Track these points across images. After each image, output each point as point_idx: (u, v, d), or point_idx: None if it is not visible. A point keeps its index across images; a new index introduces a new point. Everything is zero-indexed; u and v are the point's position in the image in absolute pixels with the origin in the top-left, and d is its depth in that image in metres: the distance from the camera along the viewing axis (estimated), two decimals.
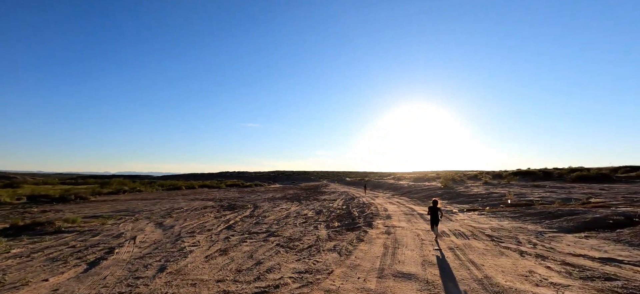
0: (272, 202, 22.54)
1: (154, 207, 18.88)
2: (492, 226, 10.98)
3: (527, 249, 7.46)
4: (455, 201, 19.88)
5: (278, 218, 13.53)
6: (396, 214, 14.76)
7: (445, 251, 7.48)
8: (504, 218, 12.44)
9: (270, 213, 15.47)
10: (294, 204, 20.59)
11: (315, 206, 19.66)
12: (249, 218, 13.59)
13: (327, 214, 14.97)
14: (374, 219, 12.99)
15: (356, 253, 7.30)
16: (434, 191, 26.58)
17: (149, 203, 21.69)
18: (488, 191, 22.37)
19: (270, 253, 7.18)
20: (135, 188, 37.04)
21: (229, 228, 10.93)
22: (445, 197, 22.18)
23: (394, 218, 13.49)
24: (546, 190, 21.46)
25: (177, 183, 48.26)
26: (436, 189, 27.74)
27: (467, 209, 16.11)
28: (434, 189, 28.01)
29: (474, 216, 13.46)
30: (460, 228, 10.76)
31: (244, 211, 16.38)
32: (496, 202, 17.11)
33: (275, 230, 10.36)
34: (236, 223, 12.29)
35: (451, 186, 28.34)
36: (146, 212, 16.02)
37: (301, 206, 19.77)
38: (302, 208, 18.19)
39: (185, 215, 14.74)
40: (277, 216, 14.50)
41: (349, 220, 12.89)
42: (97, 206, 19.94)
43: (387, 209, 17.04)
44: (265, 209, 17.66)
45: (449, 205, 18.60)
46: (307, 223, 12.09)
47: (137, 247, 7.83)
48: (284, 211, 16.39)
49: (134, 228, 10.74)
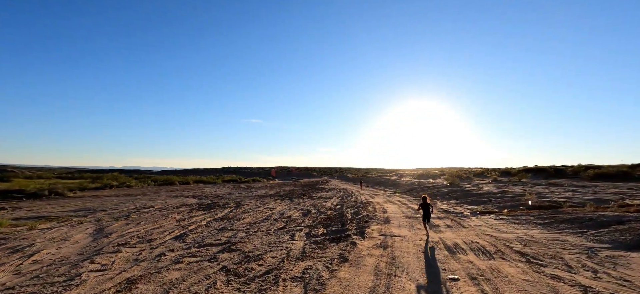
0: (259, 200, 20.13)
1: (123, 205, 16.57)
2: (518, 236, 8.39)
3: (589, 282, 4.90)
4: (464, 202, 17.24)
5: (253, 222, 11.09)
6: (396, 217, 12.22)
7: (465, 283, 4.95)
8: (531, 225, 9.83)
9: (248, 214, 13.04)
10: (283, 203, 18.14)
11: (306, 205, 17.19)
12: (219, 221, 11.17)
13: (314, 216, 12.50)
14: (369, 224, 10.48)
15: (332, 285, 4.81)
16: (439, 189, 23.95)
17: (124, 200, 19.42)
18: (500, 190, 19.69)
19: (201, 285, 4.71)
20: (125, 183, 34.93)
21: (181, 237, 8.49)
22: (453, 197, 19.54)
23: (393, 223, 10.96)
24: (567, 189, 18.72)
25: (171, 178, 46.15)
26: (441, 187, 25.09)
27: (480, 211, 13.49)
28: (439, 187, 25.37)
29: (492, 221, 10.86)
30: (478, 239, 8.19)
31: (220, 211, 13.98)
32: (514, 203, 14.45)
33: (237, 241, 7.90)
34: (198, 228, 9.86)
35: (458, 183, 25.67)
36: (107, 212, 13.69)
37: (290, 205, 17.32)
38: (289, 208, 15.74)
39: (148, 217, 12.37)
40: (254, 218, 12.06)
41: (338, 225, 10.39)
42: (65, 203, 17.71)
43: (386, 211, 14.51)
44: (247, 209, 15.24)
45: (458, 206, 15.98)
46: (285, 229, 9.62)
47: (14, 273, 5.42)
48: (267, 212, 13.94)
49: (60, 237, 8.36)
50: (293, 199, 20.72)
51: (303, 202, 18.57)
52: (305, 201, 19.77)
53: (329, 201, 19.72)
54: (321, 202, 18.95)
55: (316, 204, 17.77)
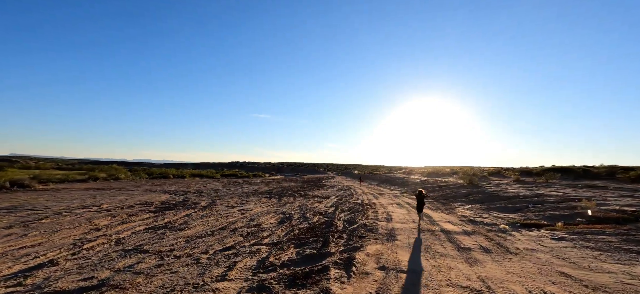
0: (242, 198, 16.74)
1: (68, 203, 13.45)
2: (620, 280, 4.68)
3: None
4: (492, 207, 13.37)
5: (200, 234, 7.65)
6: (405, 230, 8.57)
7: None
8: (622, 253, 6.04)
9: (207, 220, 9.62)
10: (267, 203, 14.70)
11: (293, 206, 13.71)
12: (151, 232, 7.77)
13: (293, 225, 9.00)
14: (364, 243, 6.91)
15: None
16: (456, 189, 20.05)
17: (84, 196, 16.34)
18: (533, 192, 15.71)
19: None
20: (114, 176, 32.24)
21: (44, 266, 5.11)
22: (475, 200, 15.66)
23: (400, 239, 7.35)
24: (618, 194, 14.60)
25: (168, 172, 43.46)
26: (458, 187, 21.14)
27: (521, 222, 9.65)
28: (455, 187, 21.42)
29: (550, 242, 7.07)
30: (554, 287, 4.51)
31: (177, 214, 10.62)
32: (564, 212, 10.55)
33: (121, 282, 4.45)
34: (102, 244, 6.48)
35: (477, 183, 21.65)
36: (31, 212, 10.53)
37: (274, 206, 13.86)
38: (270, 210, 12.28)
39: (68, 221, 9.11)
40: (208, 226, 8.63)
41: (317, 243, 6.86)
42: (4, 199, 14.76)
43: (391, 217, 10.85)
44: (214, 210, 11.85)
45: (485, 213, 12.16)
46: (232, 251, 6.17)
47: None
48: (234, 217, 10.50)
49: None
50: (282, 198, 17.27)
51: (292, 203, 15.09)
52: (296, 200, 16.29)
53: (323, 201, 16.17)
54: (314, 202, 15.43)
55: (306, 205, 14.25)
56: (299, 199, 16.81)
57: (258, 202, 15.16)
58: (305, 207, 13.50)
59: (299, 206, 13.96)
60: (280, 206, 13.90)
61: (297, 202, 15.52)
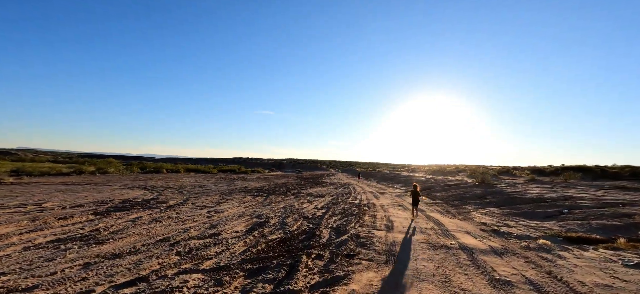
0: (223, 196, 14.52)
1: (26, 199, 11.38)
2: None
3: None
4: (515, 212, 10.93)
5: (128, 248, 5.44)
6: (410, 244, 6.25)
7: None
8: None
9: (157, 225, 7.41)
10: (248, 203, 12.47)
11: (278, 207, 11.46)
12: (62, 244, 5.58)
13: (266, 233, 6.75)
14: (351, 268, 4.63)
15: None
16: (467, 189, 17.60)
17: (50, 190, 14.29)
18: (559, 195, 13.26)
19: None
20: (103, 169, 30.33)
21: None
22: (492, 203, 13.21)
23: (403, 259, 5.03)
24: None
25: (163, 166, 41.58)
26: (469, 187, 18.68)
27: (563, 234, 7.23)
28: (466, 186, 18.97)
29: (632, 275, 4.70)
30: None
31: (128, 215, 8.44)
32: (615, 222, 8.11)
33: None
34: None
35: (490, 182, 19.16)
36: None
37: (254, 206, 11.61)
38: (246, 211, 10.05)
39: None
40: (153, 234, 6.43)
41: (284, 266, 4.60)
42: None
43: (393, 223, 8.54)
44: (182, 210, 9.64)
45: (508, 220, 9.75)
46: (148, 280, 3.96)
47: None
48: (200, 219, 8.29)
49: None
50: (270, 196, 15.03)
51: (278, 202, 12.85)
52: (285, 199, 14.04)
53: (315, 201, 13.90)
54: (304, 202, 13.16)
55: (294, 206, 11.99)
56: (289, 198, 14.56)
57: (239, 201, 12.95)
58: (291, 208, 11.24)
59: (284, 206, 11.70)
60: (262, 206, 11.66)
61: (285, 201, 13.27)
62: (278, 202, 12.86)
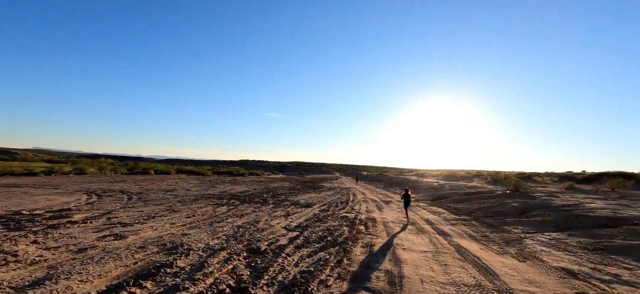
0: (176, 205, 10.80)
1: None
2: None
3: None
4: (603, 247, 6.77)
5: None
6: None
7: None
8: None
9: None
10: (197, 217, 8.69)
11: (230, 226, 7.66)
12: None
13: None
14: None
15: None
16: (498, 200, 13.34)
17: None
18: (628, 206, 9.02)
19: None
20: (80, 169, 27.21)
21: None
22: (545, 224, 8.97)
23: None
24: None
25: (155, 167, 38.43)
26: (499, 197, 14.35)
27: None
28: (495, 196, 14.64)
29: None
30: None
31: None
32: None
33: None
34: None
35: (526, 190, 14.78)
36: None
37: (194, 224, 7.82)
38: (167, 233, 6.31)
39: None
40: None
41: None
42: None
43: (402, 272, 4.65)
44: (67, 234, 6.03)
45: (603, 259, 5.67)
46: None
47: None
48: (55, 254, 4.65)
49: None
50: (242, 205, 11.24)
51: (244, 216, 9.07)
52: (258, 211, 10.24)
53: (295, 214, 10.04)
54: (278, 216, 9.33)
55: (257, 224, 8.16)
56: (263, 209, 10.73)
57: (189, 212, 9.21)
58: (249, 228, 7.41)
59: (242, 225, 7.87)
60: (211, 223, 7.86)
61: (253, 215, 9.45)
62: (241, 216, 9.05)
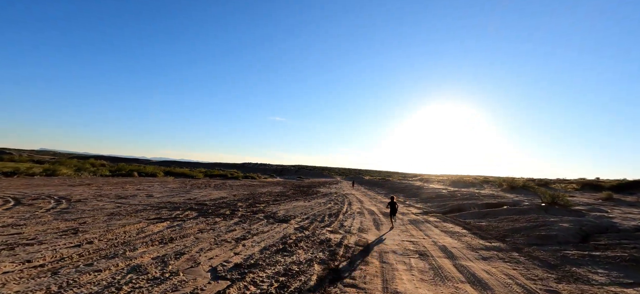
0: (115, 220, 7.84)
1: None
2: None
3: None
4: None
5: None
6: None
7: None
8: None
9: None
10: (103, 249, 5.72)
11: (168, 251, 4.65)
12: None
13: None
14: None
15: None
16: (534, 216, 10.02)
17: None
18: None
19: None
20: (52, 170, 24.50)
21: None
22: (634, 262, 5.78)
23: None
24: None
25: (141, 169, 35.70)
26: (534, 210, 10.98)
27: None
28: (524, 209, 11.27)
29: None
30: None
31: None
32: None
33: None
34: None
35: (567, 202, 11.42)
36: None
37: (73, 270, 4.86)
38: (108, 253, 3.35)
39: None
40: None
41: None
42: None
43: None
44: None
45: None
46: None
47: None
48: None
49: None
50: (196, 219, 8.24)
51: (189, 237, 6.06)
52: (219, 226, 7.22)
53: (264, 233, 6.96)
54: (229, 243, 6.27)
55: (185, 260, 5.13)
56: (218, 227, 7.69)
57: (109, 232, 6.22)
58: (143, 278, 4.37)
59: (147, 264, 4.83)
60: (101, 256, 4.85)
61: (196, 237, 6.41)
62: (168, 242, 6.00)
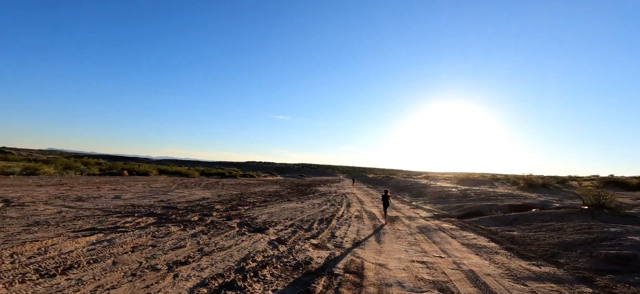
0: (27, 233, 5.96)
1: None
2: None
3: None
4: None
5: None
6: None
7: None
8: None
9: None
10: None
11: None
12: None
13: None
14: None
15: None
16: (566, 220, 7.90)
17: None
18: None
19: None
20: (31, 169, 22.83)
21: None
22: None
23: None
24: None
25: (140, 168, 34.02)
26: (565, 213, 8.86)
27: None
28: (550, 211, 9.14)
29: None
30: None
31: None
32: None
33: None
34: None
35: (617, 205, 9.27)
36: None
37: None
38: None
39: None
40: None
41: None
42: None
43: None
44: None
45: None
46: None
47: None
48: None
49: None
50: (164, 226, 6.32)
51: (105, 260, 4.11)
52: (167, 238, 5.28)
53: (223, 252, 5.00)
54: (161, 272, 4.35)
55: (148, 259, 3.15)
56: (166, 238, 5.72)
57: None
58: None
59: None
60: None
61: (133, 256, 4.46)
62: (71, 268, 4.04)
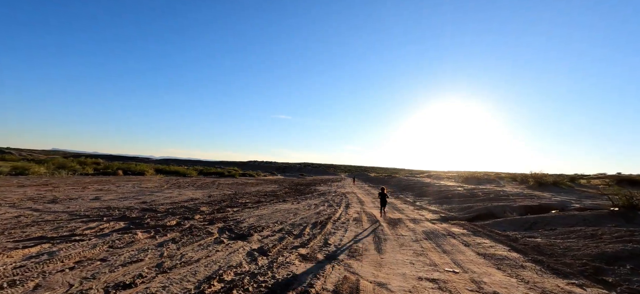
0: None
1: None
2: None
3: None
4: None
5: None
6: None
7: None
8: None
9: None
10: None
11: None
12: None
13: None
14: None
15: None
16: (599, 226, 6.79)
17: None
18: None
19: None
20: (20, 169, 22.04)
21: None
22: None
23: None
24: None
25: (136, 168, 33.22)
26: (593, 218, 7.71)
27: None
28: (576, 216, 7.96)
29: None
30: None
31: None
32: None
33: None
34: None
35: None
36: None
37: None
38: None
39: None
40: None
41: None
42: None
43: None
44: None
45: None
46: None
47: None
48: None
49: None
50: (132, 232, 5.35)
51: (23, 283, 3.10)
52: (130, 247, 4.29)
53: (190, 267, 3.99)
54: None
55: None
56: (127, 248, 4.72)
57: None
58: None
59: None
60: None
61: (67, 276, 3.45)
62: None
